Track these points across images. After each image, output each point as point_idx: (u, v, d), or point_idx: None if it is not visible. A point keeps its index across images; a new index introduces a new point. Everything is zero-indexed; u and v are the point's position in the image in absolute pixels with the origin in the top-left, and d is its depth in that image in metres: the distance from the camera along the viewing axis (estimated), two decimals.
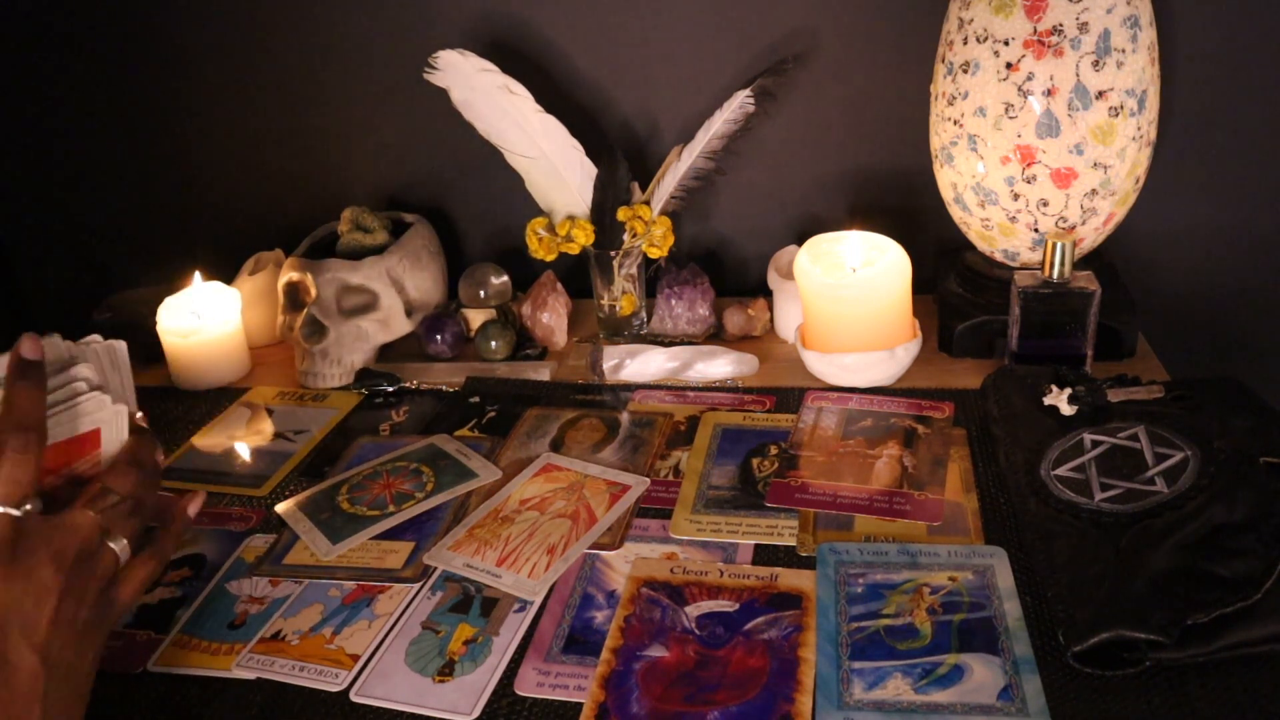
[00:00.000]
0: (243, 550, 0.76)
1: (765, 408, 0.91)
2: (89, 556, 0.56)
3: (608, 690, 0.60)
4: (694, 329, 1.04)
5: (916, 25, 1.02)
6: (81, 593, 0.55)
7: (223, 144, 1.21)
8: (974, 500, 0.76)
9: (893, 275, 0.89)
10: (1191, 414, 0.77)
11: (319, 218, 1.11)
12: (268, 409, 0.96)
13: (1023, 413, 0.81)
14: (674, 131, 1.12)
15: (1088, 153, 0.88)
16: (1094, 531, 0.67)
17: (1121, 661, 0.59)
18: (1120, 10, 0.85)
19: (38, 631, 0.52)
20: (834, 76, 1.08)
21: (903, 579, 0.68)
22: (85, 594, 0.55)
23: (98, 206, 1.27)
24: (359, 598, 0.70)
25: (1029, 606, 0.65)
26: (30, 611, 0.52)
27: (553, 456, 0.85)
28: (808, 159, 1.12)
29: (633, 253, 1.03)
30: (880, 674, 0.60)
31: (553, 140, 1.01)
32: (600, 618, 0.66)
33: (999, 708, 0.57)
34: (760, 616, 0.65)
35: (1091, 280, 0.88)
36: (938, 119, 0.96)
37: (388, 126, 1.17)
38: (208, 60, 1.16)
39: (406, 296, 1.02)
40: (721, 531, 0.74)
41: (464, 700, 0.61)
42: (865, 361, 0.90)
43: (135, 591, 0.60)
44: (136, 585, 0.60)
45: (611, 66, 1.11)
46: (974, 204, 0.95)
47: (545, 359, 1.03)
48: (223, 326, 1.01)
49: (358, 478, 0.83)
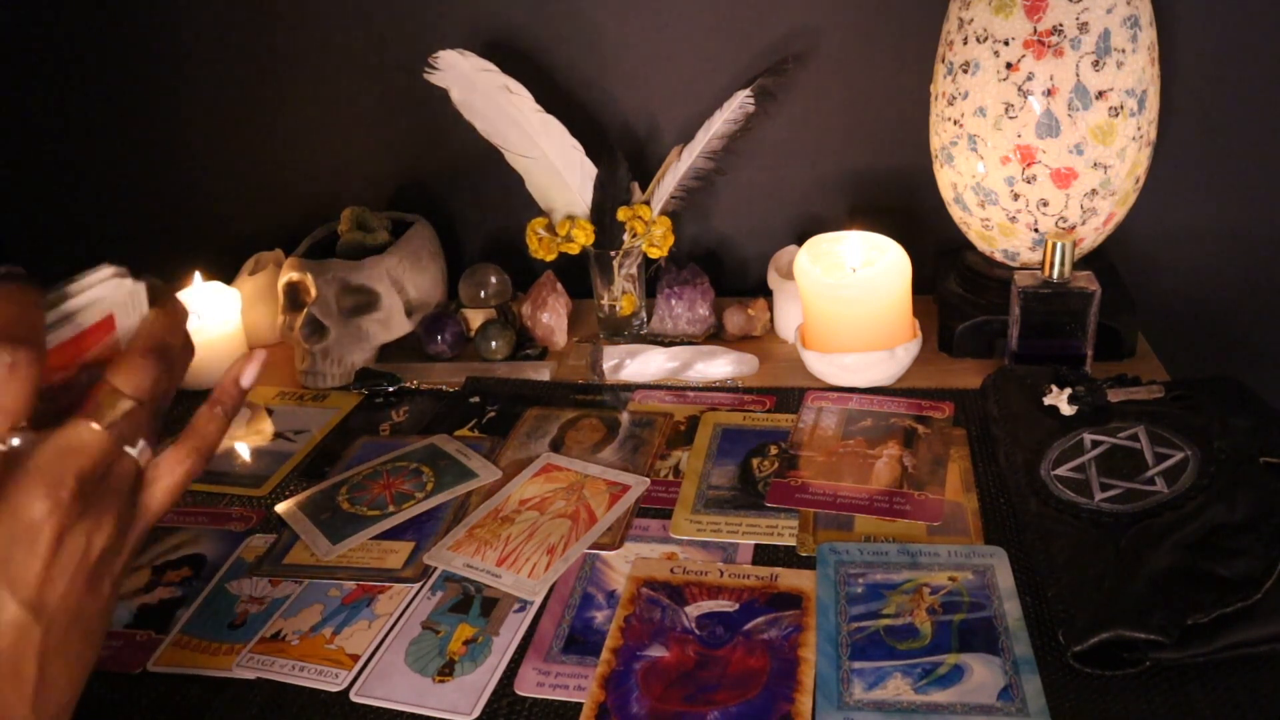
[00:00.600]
0: (243, 550, 0.76)
1: (765, 408, 0.91)
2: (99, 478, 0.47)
3: (608, 690, 0.60)
4: (694, 329, 1.04)
5: (916, 25, 1.02)
6: (95, 521, 0.47)
7: (222, 144, 1.21)
8: (974, 500, 0.76)
9: (893, 275, 0.89)
10: (1191, 414, 0.77)
11: (319, 218, 1.11)
12: (268, 409, 0.96)
13: (1023, 413, 0.81)
14: (674, 131, 1.12)
15: (1088, 153, 0.88)
16: (1094, 531, 0.67)
17: (1121, 661, 0.59)
18: (1120, 10, 0.85)
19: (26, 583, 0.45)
20: (834, 76, 1.08)
21: (903, 579, 0.68)
22: (100, 521, 0.47)
23: (98, 206, 1.27)
24: (359, 598, 0.70)
25: (1029, 606, 0.65)
26: (21, 560, 0.44)
27: (553, 456, 0.85)
28: (808, 159, 1.12)
29: (633, 253, 1.03)
30: (880, 674, 0.60)
31: (553, 140, 1.01)
32: (600, 618, 0.66)
33: (999, 708, 0.57)
34: (760, 616, 0.65)
35: (1091, 280, 0.88)
36: (938, 119, 0.96)
37: (388, 126, 1.17)
38: (208, 60, 1.16)
39: (406, 296, 1.02)
40: (721, 531, 0.74)
41: (464, 700, 0.61)
42: (865, 361, 0.90)
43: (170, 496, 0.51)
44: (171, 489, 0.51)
45: (611, 66, 1.11)
46: (974, 204, 0.95)
47: (545, 359, 1.03)
48: (223, 326, 1.01)
49: (358, 478, 0.83)
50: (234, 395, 0.54)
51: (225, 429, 0.54)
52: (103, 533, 0.47)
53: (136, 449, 0.48)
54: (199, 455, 0.52)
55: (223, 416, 0.53)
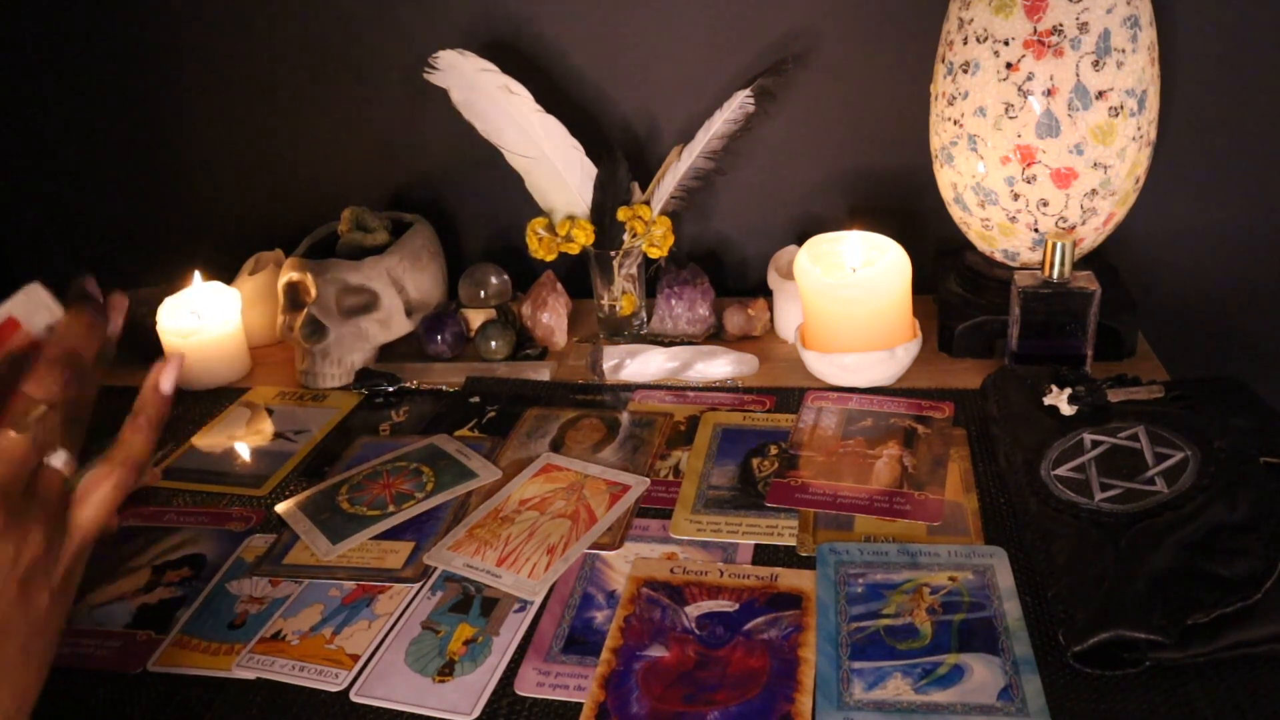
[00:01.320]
0: (243, 550, 0.76)
1: (765, 408, 0.91)
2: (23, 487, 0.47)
3: (608, 690, 0.60)
4: (694, 329, 1.04)
5: (916, 25, 1.02)
6: (21, 531, 0.46)
7: (222, 144, 1.21)
8: (974, 500, 0.76)
9: (893, 275, 0.89)
10: (1191, 414, 0.77)
11: (319, 218, 1.11)
12: (268, 409, 0.96)
13: (1023, 413, 0.81)
14: (674, 131, 1.12)
15: (1088, 153, 0.88)
16: (1094, 531, 0.67)
17: (1121, 661, 0.59)
18: (1120, 10, 0.85)
19: None
20: (834, 76, 1.08)
21: (903, 579, 0.68)
22: (27, 531, 0.47)
23: (98, 206, 1.27)
24: (359, 598, 0.70)
25: (1029, 606, 0.65)
26: None
27: (553, 456, 0.85)
28: (808, 159, 1.12)
29: (633, 253, 1.03)
30: (880, 674, 0.60)
31: (553, 140, 1.01)
32: (600, 618, 0.66)
33: (999, 708, 0.57)
34: (760, 616, 0.65)
35: (1091, 280, 0.88)
36: (938, 119, 0.96)
37: (388, 126, 1.17)
38: (208, 60, 1.16)
39: (406, 296, 1.02)
40: (721, 531, 0.74)
41: (464, 700, 0.61)
42: (865, 361, 0.90)
43: (101, 509, 0.50)
44: (101, 501, 0.50)
45: (611, 66, 1.11)
46: (974, 204, 0.95)
47: (545, 359, 1.03)
48: (223, 326, 1.01)
49: (358, 478, 0.83)
50: (155, 403, 0.54)
51: (152, 438, 0.53)
52: (31, 544, 0.47)
53: (60, 460, 0.48)
54: (126, 468, 0.51)
55: (146, 426, 0.53)
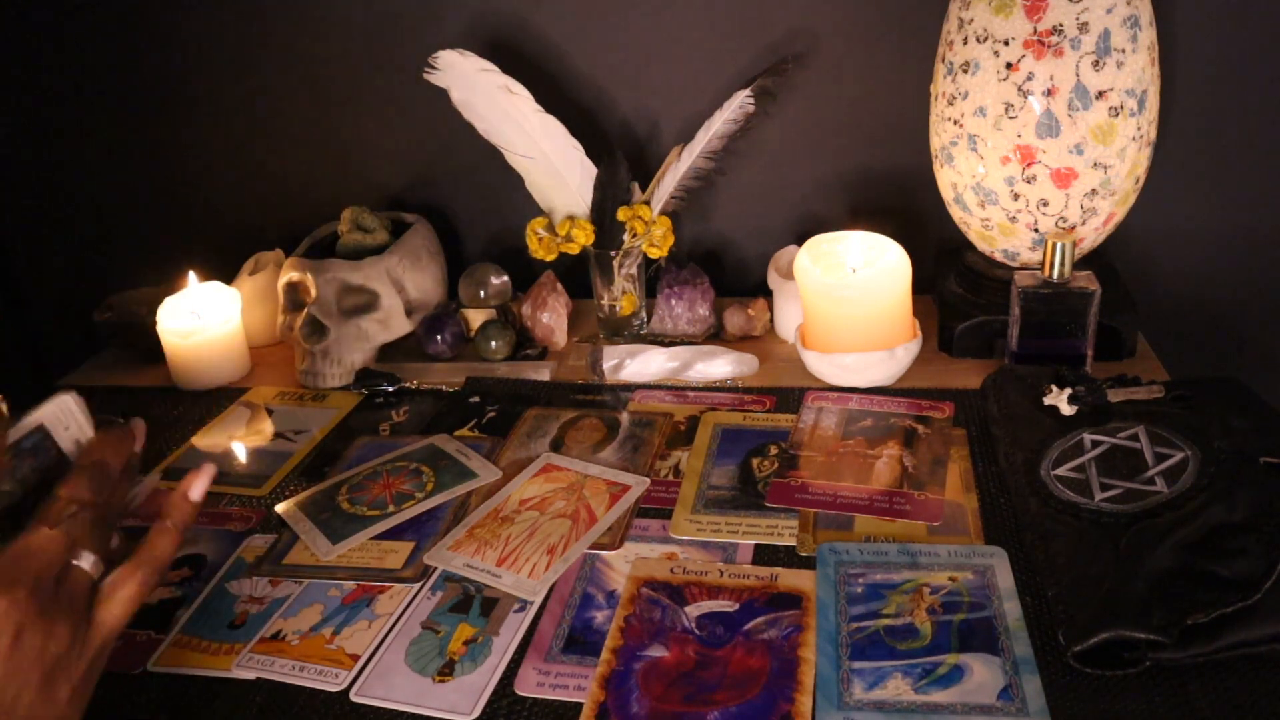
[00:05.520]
0: (243, 550, 0.76)
1: (765, 408, 0.91)
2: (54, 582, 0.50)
3: (608, 690, 0.60)
4: (694, 329, 1.04)
5: (916, 25, 1.02)
6: (49, 624, 0.49)
7: (222, 144, 1.21)
8: (974, 500, 0.76)
9: (893, 275, 0.89)
10: (1191, 414, 0.77)
11: (319, 218, 1.11)
12: (268, 409, 0.96)
13: (1023, 413, 0.81)
14: (674, 131, 1.12)
15: (1088, 153, 0.88)
16: (1094, 531, 0.67)
17: (1121, 661, 0.59)
18: (1120, 10, 0.85)
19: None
20: (834, 76, 1.08)
21: (903, 579, 0.68)
22: (55, 625, 0.49)
23: (98, 206, 1.27)
24: (359, 598, 0.70)
25: (1029, 606, 0.65)
26: None
27: (553, 456, 0.85)
28: (808, 159, 1.12)
29: (633, 253, 1.03)
30: (880, 674, 0.60)
31: (553, 140, 1.01)
32: (600, 618, 0.66)
33: (999, 708, 0.57)
34: (760, 616, 0.65)
35: (1091, 280, 0.88)
36: (938, 119, 0.96)
37: (388, 126, 1.17)
38: (207, 60, 1.16)
39: (406, 296, 1.02)
40: (721, 531, 0.74)
41: (464, 700, 0.61)
42: (865, 361, 0.90)
43: (125, 608, 0.53)
44: (125, 601, 0.53)
45: (611, 66, 1.11)
46: (974, 204, 0.95)
47: (545, 359, 1.03)
48: (223, 326, 1.01)
49: (358, 478, 0.83)
50: (184, 510, 0.58)
51: (177, 543, 0.57)
52: (57, 637, 0.49)
53: (88, 562, 0.52)
54: (151, 569, 0.54)
55: (174, 531, 0.56)
